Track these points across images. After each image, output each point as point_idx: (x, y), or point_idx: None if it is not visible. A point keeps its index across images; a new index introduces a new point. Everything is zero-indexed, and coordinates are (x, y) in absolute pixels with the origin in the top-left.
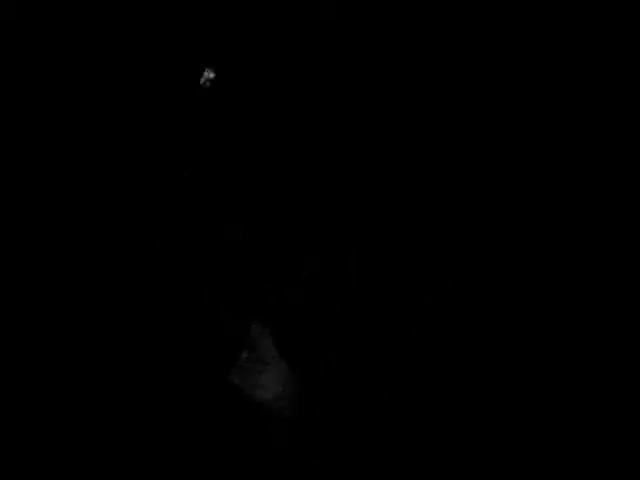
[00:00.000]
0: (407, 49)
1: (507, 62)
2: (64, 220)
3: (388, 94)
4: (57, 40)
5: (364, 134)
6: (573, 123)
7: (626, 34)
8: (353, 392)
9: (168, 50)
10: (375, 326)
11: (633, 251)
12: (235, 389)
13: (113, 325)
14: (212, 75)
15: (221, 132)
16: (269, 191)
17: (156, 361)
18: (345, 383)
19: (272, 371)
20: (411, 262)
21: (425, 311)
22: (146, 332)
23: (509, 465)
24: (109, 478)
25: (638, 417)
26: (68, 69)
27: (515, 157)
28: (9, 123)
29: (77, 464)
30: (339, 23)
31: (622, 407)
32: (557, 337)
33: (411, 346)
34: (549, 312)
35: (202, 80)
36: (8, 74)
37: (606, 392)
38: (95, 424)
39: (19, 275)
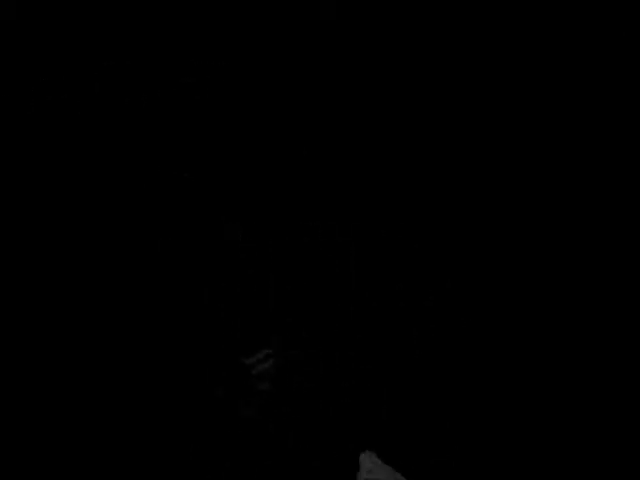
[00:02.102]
0: (407, 49)
1: (507, 62)
2: (64, 220)
3: (388, 94)
4: (57, 40)
5: (364, 134)
6: (573, 123)
7: (626, 34)
8: (353, 392)
9: (169, 50)
10: (375, 326)
11: (633, 251)
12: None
13: (113, 324)
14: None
15: (221, 132)
16: (269, 191)
17: (156, 360)
18: (345, 383)
19: None
20: (411, 262)
21: (425, 311)
22: (146, 331)
23: (509, 465)
24: (109, 478)
25: (638, 417)
26: (68, 69)
27: (515, 157)
28: (9, 123)
29: (77, 464)
30: (339, 23)
31: (622, 407)
32: (557, 336)
33: (411, 346)
34: (549, 312)
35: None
36: (8, 74)
37: (606, 392)
38: (95, 423)
39: (20, 275)
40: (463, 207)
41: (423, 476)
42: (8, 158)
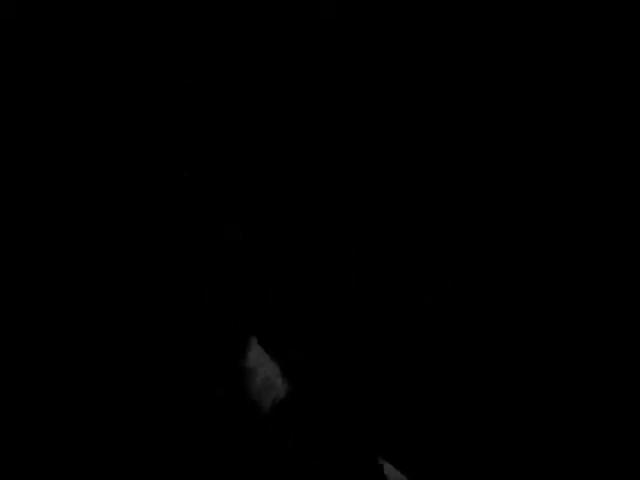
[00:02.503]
0: (407, 49)
1: (507, 62)
2: (64, 220)
3: (388, 94)
4: (57, 40)
5: (364, 134)
6: (573, 123)
7: (626, 34)
8: (353, 392)
9: (169, 50)
10: (375, 326)
11: (633, 251)
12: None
13: (112, 324)
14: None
15: (221, 132)
16: (269, 191)
17: (155, 360)
18: (345, 383)
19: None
20: (411, 262)
21: (425, 311)
22: (145, 331)
23: (509, 465)
24: (109, 478)
25: (638, 417)
26: (68, 69)
27: (515, 157)
28: (9, 123)
29: (77, 464)
30: (339, 23)
31: (622, 407)
32: (557, 337)
33: (411, 346)
34: (549, 312)
35: (202, 82)
36: (8, 74)
37: (606, 392)
38: (94, 423)
39: (19, 275)
40: (463, 207)
41: (424, 476)
42: (8, 158)
